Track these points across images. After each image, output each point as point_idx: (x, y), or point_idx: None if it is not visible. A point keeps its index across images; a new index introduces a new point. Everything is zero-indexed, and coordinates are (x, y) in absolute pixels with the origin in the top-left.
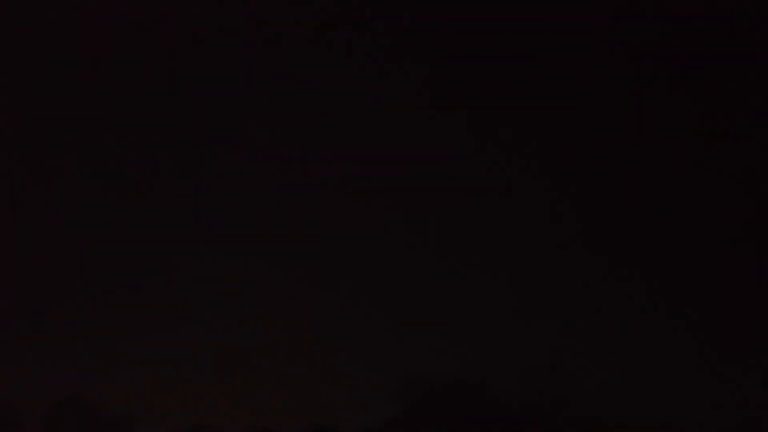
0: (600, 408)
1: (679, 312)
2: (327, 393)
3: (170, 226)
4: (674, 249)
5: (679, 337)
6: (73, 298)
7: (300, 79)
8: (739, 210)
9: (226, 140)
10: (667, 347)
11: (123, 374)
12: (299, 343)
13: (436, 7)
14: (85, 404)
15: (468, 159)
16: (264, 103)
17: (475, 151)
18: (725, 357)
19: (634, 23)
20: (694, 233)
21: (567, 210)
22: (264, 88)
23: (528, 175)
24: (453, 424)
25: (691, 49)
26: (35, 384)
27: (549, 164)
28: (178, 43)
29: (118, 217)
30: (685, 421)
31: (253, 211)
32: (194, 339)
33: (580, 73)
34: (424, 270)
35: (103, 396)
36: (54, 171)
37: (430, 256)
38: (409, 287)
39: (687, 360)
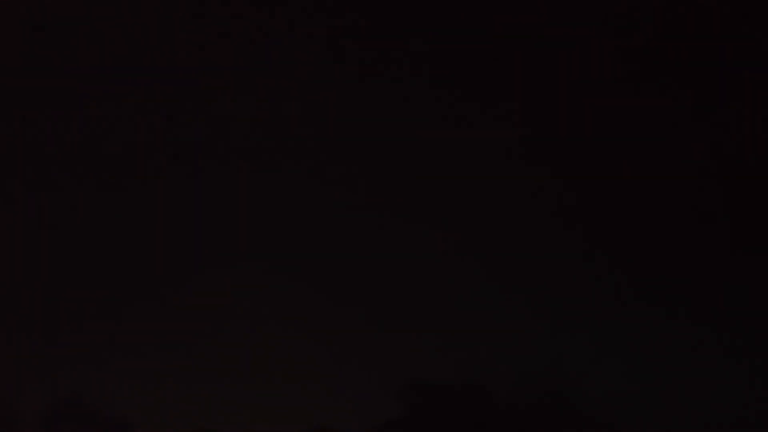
0: (603, 411)
1: (681, 312)
2: (328, 395)
3: (171, 227)
4: (676, 249)
5: (681, 338)
6: (73, 298)
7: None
8: (739, 210)
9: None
10: (670, 348)
11: (123, 375)
12: (300, 345)
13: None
14: (85, 405)
15: (466, 160)
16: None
17: (472, 152)
18: (727, 357)
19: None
20: (696, 233)
21: (567, 210)
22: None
23: (528, 177)
24: (454, 426)
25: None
26: (35, 384)
27: (547, 164)
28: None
29: (118, 217)
30: (688, 422)
31: (252, 212)
32: (195, 340)
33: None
34: (425, 271)
35: (103, 397)
36: (54, 170)
37: (430, 257)
38: (409, 288)
39: (689, 361)
